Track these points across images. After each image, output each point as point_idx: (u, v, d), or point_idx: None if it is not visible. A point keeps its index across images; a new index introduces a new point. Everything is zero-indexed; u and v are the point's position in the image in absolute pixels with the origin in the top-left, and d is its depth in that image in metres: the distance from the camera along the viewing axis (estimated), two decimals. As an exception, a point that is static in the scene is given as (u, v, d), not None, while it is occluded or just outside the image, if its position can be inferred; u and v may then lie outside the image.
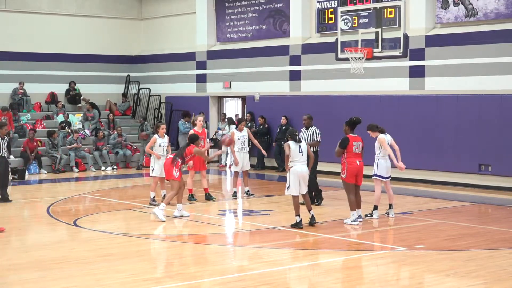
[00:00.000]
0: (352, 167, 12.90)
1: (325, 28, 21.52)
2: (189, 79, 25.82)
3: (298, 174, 12.54)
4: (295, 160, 12.57)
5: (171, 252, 11.05)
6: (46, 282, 9.06)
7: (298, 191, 12.61)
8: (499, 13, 17.88)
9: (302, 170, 12.58)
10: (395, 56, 16.88)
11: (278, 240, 11.69)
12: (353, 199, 12.97)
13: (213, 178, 21.34)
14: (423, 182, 19.01)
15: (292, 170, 12.57)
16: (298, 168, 12.57)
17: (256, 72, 23.51)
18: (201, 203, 15.59)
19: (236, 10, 24.41)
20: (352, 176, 12.93)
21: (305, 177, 12.64)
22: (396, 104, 19.58)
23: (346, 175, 12.94)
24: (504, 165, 17.64)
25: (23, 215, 14.92)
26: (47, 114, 25.06)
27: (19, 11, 25.44)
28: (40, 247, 11.23)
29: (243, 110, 24.78)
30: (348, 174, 12.92)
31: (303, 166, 12.61)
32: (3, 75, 24.92)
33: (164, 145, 14.91)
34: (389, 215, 13.75)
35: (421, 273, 9.59)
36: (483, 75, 18.04)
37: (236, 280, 9.10)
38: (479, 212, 15.20)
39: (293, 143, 12.62)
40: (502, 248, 11.05)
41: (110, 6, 27.36)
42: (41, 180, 20.72)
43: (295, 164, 12.57)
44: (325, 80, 21.40)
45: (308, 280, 9.39)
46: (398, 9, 17.21)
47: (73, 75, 26.29)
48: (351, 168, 12.89)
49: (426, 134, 19.06)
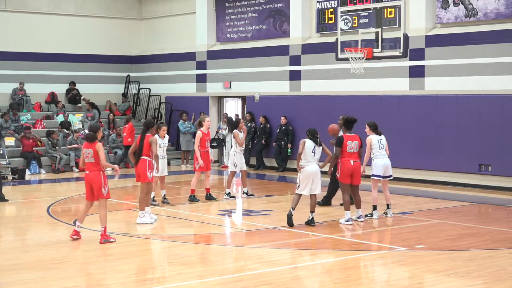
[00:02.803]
0: (345, 167, 12.89)
1: (325, 28, 21.52)
2: (189, 79, 25.82)
3: (309, 173, 12.49)
4: (307, 160, 12.53)
5: (171, 252, 11.05)
6: (46, 282, 9.06)
7: (309, 191, 12.58)
8: (499, 13, 17.88)
9: (313, 169, 12.54)
10: (395, 56, 16.88)
11: (278, 240, 11.69)
12: (347, 199, 12.97)
13: (213, 178, 21.32)
14: (423, 182, 19.01)
15: (303, 171, 12.53)
16: (310, 168, 12.52)
17: (256, 72, 23.51)
18: (201, 203, 15.59)
19: (236, 10, 24.41)
20: (346, 176, 12.93)
21: (317, 175, 12.58)
22: (396, 104, 19.57)
23: (340, 175, 12.96)
24: (504, 165, 17.64)
25: (23, 215, 14.92)
26: (47, 114, 25.05)
27: (19, 11, 25.44)
28: (40, 247, 11.23)
29: (243, 110, 24.78)
30: (342, 173, 12.94)
31: (314, 165, 12.58)
32: (3, 75, 24.91)
33: (164, 146, 14.89)
34: (388, 215, 13.75)
35: (421, 273, 9.59)
36: (483, 75, 18.04)
37: (236, 280, 9.10)
38: (479, 212, 15.20)
39: (309, 141, 12.57)
40: (502, 248, 11.05)
41: (110, 6, 27.36)
42: (41, 180, 20.72)
43: (307, 165, 12.53)
44: (325, 80, 21.40)
45: (308, 280, 9.39)
46: (398, 9, 17.21)
47: (73, 75, 26.28)
48: (344, 168, 12.89)
49: (426, 134, 19.05)
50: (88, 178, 11.42)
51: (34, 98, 25.30)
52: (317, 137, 12.60)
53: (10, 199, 16.04)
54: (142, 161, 12.99)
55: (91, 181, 11.38)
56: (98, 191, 11.38)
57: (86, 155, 11.39)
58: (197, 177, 15.75)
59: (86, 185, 11.52)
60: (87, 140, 11.44)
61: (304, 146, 12.48)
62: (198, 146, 15.61)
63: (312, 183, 12.54)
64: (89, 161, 11.40)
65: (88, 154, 11.35)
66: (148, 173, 12.94)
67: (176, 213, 13.93)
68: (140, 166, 12.97)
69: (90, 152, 11.33)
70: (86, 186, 11.50)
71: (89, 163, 11.40)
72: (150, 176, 12.97)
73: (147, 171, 12.93)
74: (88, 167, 11.42)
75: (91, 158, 11.35)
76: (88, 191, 11.50)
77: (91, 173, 11.40)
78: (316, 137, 12.58)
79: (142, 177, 13.00)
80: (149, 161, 12.98)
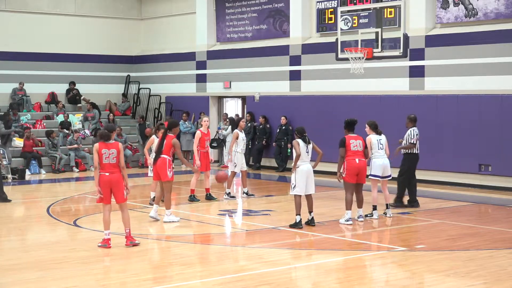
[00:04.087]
0: (351, 165, 12.87)
1: (325, 28, 21.52)
2: (189, 79, 25.82)
3: (305, 172, 12.51)
4: (302, 160, 12.53)
5: (171, 252, 11.05)
6: (46, 282, 9.06)
7: (304, 191, 12.57)
8: (499, 13, 17.88)
9: (308, 168, 12.57)
10: (395, 56, 16.89)
11: (278, 240, 11.69)
12: (350, 199, 12.96)
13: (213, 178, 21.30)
14: (424, 182, 18.99)
15: (299, 170, 12.53)
16: (305, 167, 12.54)
17: (256, 72, 23.52)
18: (201, 203, 15.60)
19: (236, 10, 24.41)
20: (353, 175, 12.91)
21: (311, 175, 12.60)
22: (396, 104, 19.57)
23: (346, 174, 12.93)
24: (504, 165, 17.63)
25: (23, 215, 14.92)
26: (47, 114, 25.06)
27: (19, 11, 25.44)
28: (40, 247, 11.23)
29: (243, 110, 24.78)
30: (348, 172, 12.91)
31: (308, 164, 12.60)
32: (3, 75, 24.92)
33: (163, 146, 14.88)
34: (387, 215, 13.75)
35: (421, 273, 9.59)
36: (483, 75, 18.04)
37: (236, 280, 9.10)
38: (479, 212, 15.20)
39: (301, 141, 12.59)
40: (502, 248, 11.05)
41: (110, 6, 27.36)
42: (41, 180, 20.72)
43: (301, 164, 12.53)
44: (325, 80, 21.40)
45: (308, 280, 9.39)
46: (398, 9, 17.21)
47: (73, 75, 26.28)
48: (350, 166, 12.87)
49: (426, 134, 19.03)
50: (110, 180, 10.79)
51: (34, 98, 25.31)
52: (305, 135, 12.65)
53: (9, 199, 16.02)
54: (162, 159, 12.96)
55: (114, 183, 10.79)
56: (121, 194, 10.92)
57: (107, 155, 10.75)
58: (196, 177, 15.75)
59: (104, 188, 10.83)
60: (104, 139, 10.87)
61: (299, 146, 12.52)
62: (197, 146, 15.63)
63: (307, 183, 12.55)
64: (109, 162, 10.76)
65: (110, 154, 10.75)
66: (168, 172, 12.93)
67: (176, 213, 13.92)
68: (160, 165, 12.94)
69: (112, 153, 10.75)
70: (105, 188, 10.83)
71: (109, 164, 10.78)
72: (170, 174, 12.97)
73: (167, 170, 12.93)
74: (108, 168, 10.78)
75: (113, 159, 10.76)
76: (107, 194, 10.88)
77: (112, 175, 10.80)
78: (304, 135, 12.63)
79: (162, 175, 12.97)
80: (169, 160, 12.98)
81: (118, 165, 10.86)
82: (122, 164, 10.88)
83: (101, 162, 10.85)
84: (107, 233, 11.00)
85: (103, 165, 10.84)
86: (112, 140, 11.01)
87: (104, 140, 10.91)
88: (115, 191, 10.91)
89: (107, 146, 10.86)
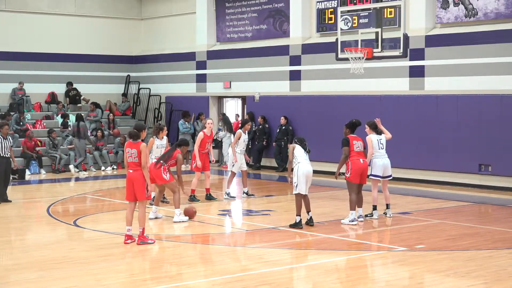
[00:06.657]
0: (356, 166, 12.91)
1: (325, 28, 21.52)
2: (189, 79, 25.82)
3: (305, 173, 12.51)
4: (301, 160, 12.53)
5: (171, 252, 11.05)
6: (46, 282, 9.06)
7: (305, 190, 12.57)
8: (499, 13, 17.88)
9: (309, 170, 12.57)
10: (395, 56, 16.89)
11: (278, 240, 11.69)
12: (354, 199, 12.98)
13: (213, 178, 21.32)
14: (423, 182, 19.01)
15: (301, 168, 12.50)
16: (305, 168, 12.54)
17: (256, 72, 23.51)
18: (201, 203, 15.59)
19: (236, 10, 24.41)
20: (357, 175, 12.94)
21: (311, 176, 12.62)
22: (396, 104, 19.57)
23: (351, 174, 12.95)
24: (504, 165, 17.63)
25: (23, 215, 14.91)
26: (47, 114, 25.05)
27: (19, 11, 25.43)
28: (40, 247, 11.23)
29: (243, 110, 24.78)
30: (352, 173, 12.93)
31: (309, 166, 12.61)
32: (3, 75, 24.91)
33: (162, 147, 14.84)
34: (387, 215, 13.75)
35: (421, 273, 9.59)
36: (483, 75, 18.04)
37: (236, 280, 9.10)
38: (479, 212, 15.20)
39: (298, 146, 12.62)
40: (502, 248, 11.05)
41: (110, 6, 27.36)
42: (41, 180, 20.72)
43: (300, 163, 12.52)
44: (325, 80, 21.40)
45: (308, 280, 9.39)
46: (398, 9, 17.21)
47: (73, 75, 26.28)
48: (355, 166, 12.90)
49: (426, 134, 19.05)
50: (132, 177, 11.23)
51: (34, 98, 25.30)
52: (306, 144, 12.72)
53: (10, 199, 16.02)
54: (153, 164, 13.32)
55: (134, 180, 11.19)
56: (141, 191, 11.24)
57: (130, 154, 11.23)
58: (196, 177, 15.77)
59: (127, 185, 11.34)
60: (131, 138, 11.30)
61: (294, 151, 12.53)
62: (198, 146, 15.65)
63: (306, 183, 12.55)
64: (132, 160, 11.23)
65: (132, 154, 11.20)
66: (164, 175, 13.19)
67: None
68: (154, 171, 13.13)
69: (134, 152, 11.19)
70: (128, 185, 11.32)
71: (132, 163, 11.24)
72: (167, 177, 13.23)
73: (162, 174, 13.18)
74: (131, 166, 11.26)
75: (135, 158, 11.21)
76: (130, 191, 11.31)
77: (134, 172, 11.23)
78: (304, 144, 12.69)
79: (158, 180, 13.21)
80: (164, 166, 13.23)
81: (140, 164, 11.23)
82: (143, 163, 11.21)
83: (126, 160, 11.37)
84: (128, 229, 11.36)
85: (128, 163, 11.34)
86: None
87: (133, 140, 11.30)
88: (136, 188, 11.26)
89: (131, 145, 11.27)
